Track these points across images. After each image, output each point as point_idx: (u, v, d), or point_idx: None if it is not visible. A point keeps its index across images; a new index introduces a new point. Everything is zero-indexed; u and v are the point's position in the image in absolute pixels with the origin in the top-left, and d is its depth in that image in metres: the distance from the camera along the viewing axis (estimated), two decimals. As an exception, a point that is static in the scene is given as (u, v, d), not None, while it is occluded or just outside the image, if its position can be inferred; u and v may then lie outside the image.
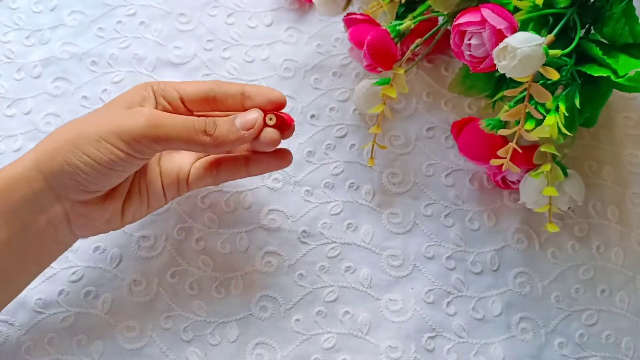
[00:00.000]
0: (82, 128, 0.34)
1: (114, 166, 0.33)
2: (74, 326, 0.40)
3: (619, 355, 0.41)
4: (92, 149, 0.33)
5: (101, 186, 0.35)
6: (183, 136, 0.34)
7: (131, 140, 0.33)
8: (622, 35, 0.39)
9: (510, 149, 0.38)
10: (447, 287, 0.43)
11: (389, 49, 0.41)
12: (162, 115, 0.34)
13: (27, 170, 0.33)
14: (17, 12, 0.50)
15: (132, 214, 0.38)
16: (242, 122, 0.35)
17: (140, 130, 0.33)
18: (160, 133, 0.33)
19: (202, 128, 0.34)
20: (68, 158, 0.33)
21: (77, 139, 0.33)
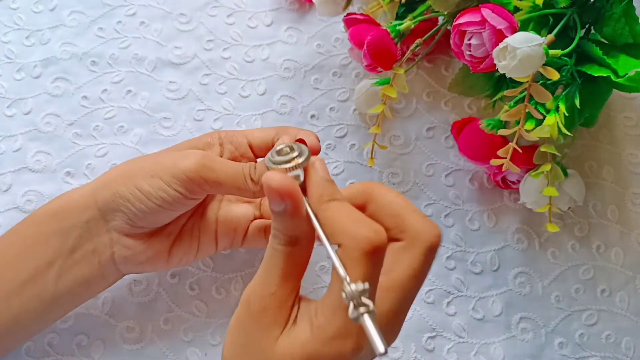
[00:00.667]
0: (140, 164, 0.35)
1: (163, 203, 0.34)
2: (74, 326, 0.40)
3: (619, 355, 0.41)
4: (144, 184, 0.34)
5: (149, 222, 0.35)
6: (232, 181, 0.34)
7: (183, 179, 0.33)
8: (622, 35, 0.39)
9: (510, 149, 0.38)
10: (447, 287, 0.43)
11: (389, 49, 0.41)
12: (215, 158, 0.35)
13: (84, 197, 0.35)
14: (17, 12, 0.50)
15: (179, 257, 0.38)
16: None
17: (193, 169, 0.33)
18: (211, 175, 0.34)
19: (248, 173, 0.34)
20: (120, 190, 0.34)
21: (133, 173, 0.35)
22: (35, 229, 0.35)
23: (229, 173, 0.34)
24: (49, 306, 0.35)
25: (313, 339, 0.26)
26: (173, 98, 0.48)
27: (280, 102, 0.48)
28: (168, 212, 0.35)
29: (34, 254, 0.35)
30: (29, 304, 0.34)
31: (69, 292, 0.35)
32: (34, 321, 0.35)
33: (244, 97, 0.48)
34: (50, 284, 0.35)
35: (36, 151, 0.45)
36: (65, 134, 0.46)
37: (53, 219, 0.35)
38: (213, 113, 0.47)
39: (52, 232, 0.35)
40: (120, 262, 0.36)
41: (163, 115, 0.47)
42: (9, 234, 0.36)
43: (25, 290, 0.34)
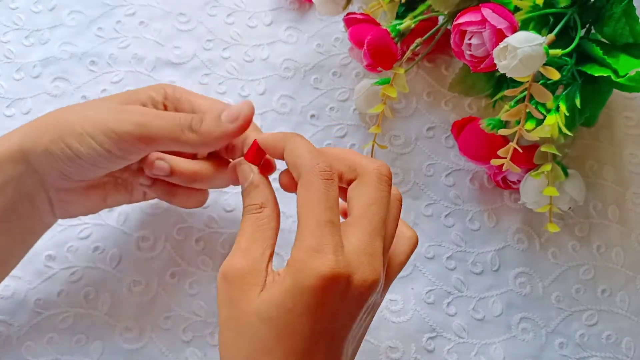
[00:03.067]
0: (70, 117, 0.33)
1: (95, 162, 0.33)
2: (73, 326, 0.40)
3: (619, 356, 0.41)
4: (74, 142, 0.32)
5: (84, 177, 0.34)
6: (169, 134, 0.33)
7: (115, 139, 0.32)
8: (623, 35, 0.39)
9: (510, 149, 0.38)
10: (448, 287, 0.43)
11: (389, 49, 0.41)
12: (151, 113, 0.33)
13: (12, 151, 0.33)
14: (16, 12, 0.50)
15: (113, 203, 0.38)
16: (228, 114, 0.33)
17: (126, 128, 0.32)
18: (145, 132, 0.32)
19: (188, 124, 0.33)
20: (50, 147, 0.32)
21: (62, 128, 0.32)
22: None
23: (166, 128, 0.33)
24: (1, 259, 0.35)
25: (289, 273, 0.27)
26: (173, 98, 0.48)
27: (280, 102, 0.48)
28: (102, 169, 0.34)
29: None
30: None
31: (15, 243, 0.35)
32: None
33: (244, 97, 0.48)
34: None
35: (35, 151, 0.45)
36: (65, 134, 0.46)
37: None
38: (213, 113, 0.47)
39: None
40: (59, 212, 0.36)
41: (163, 115, 0.47)
42: None
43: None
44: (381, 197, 0.30)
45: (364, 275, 0.28)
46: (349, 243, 0.28)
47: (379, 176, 0.30)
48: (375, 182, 0.30)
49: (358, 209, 0.29)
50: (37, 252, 0.42)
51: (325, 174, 0.29)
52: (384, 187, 0.30)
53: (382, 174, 0.30)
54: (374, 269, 0.28)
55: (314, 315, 0.27)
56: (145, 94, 0.36)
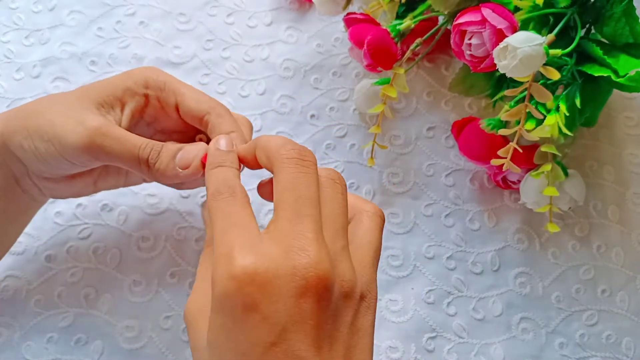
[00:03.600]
0: (39, 118, 0.32)
1: (60, 167, 0.33)
2: (73, 326, 0.40)
3: (619, 356, 0.41)
4: (41, 146, 0.32)
5: (56, 175, 0.34)
6: (125, 162, 0.32)
7: (70, 152, 0.32)
8: (623, 35, 0.39)
9: (510, 149, 0.38)
10: (448, 287, 0.43)
11: (389, 49, 0.40)
12: (109, 135, 0.32)
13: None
14: (16, 12, 0.50)
15: (107, 186, 0.38)
16: (181, 157, 0.32)
17: (80, 145, 0.31)
18: (100, 153, 0.32)
19: (145, 158, 0.32)
20: (23, 143, 0.32)
21: (32, 128, 0.32)
22: None
23: (123, 155, 0.32)
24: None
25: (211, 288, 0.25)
26: (173, 98, 0.48)
27: (280, 102, 0.48)
28: (71, 170, 0.34)
29: None
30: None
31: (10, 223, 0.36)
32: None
33: (244, 97, 0.48)
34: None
35: (35, 151, 0.45)
36: (65, 134, 0.46)
37: None
38: (213, 113, 0.47)
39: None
40: (48, 194, 0.36)
41: (163, 115, 0.47)
42: None
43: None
44: (295, 179, 0.27)
45: (291, 263, 0.24)
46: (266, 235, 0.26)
47: (288, 159, 0.27)
48: (286, 164, 0.27)
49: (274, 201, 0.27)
50: (37, 252, 0.42)
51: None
52: (298, 169, 0.27)
53: (291, 156, 0.27)
54: (305, 251, 0.25)
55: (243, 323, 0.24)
56: (124, 87, 0.34)
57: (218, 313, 0.24)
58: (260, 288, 0.24)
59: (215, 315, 0.25)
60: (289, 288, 0.24)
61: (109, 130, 0.32)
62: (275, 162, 0.28)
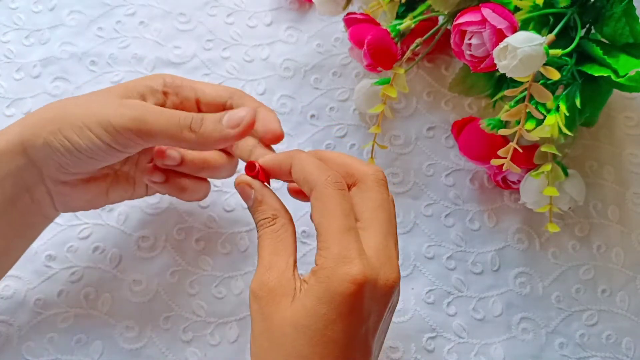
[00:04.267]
0: (70, 110, 0.33)
1: (94, 155, 0.33)
2: (73, 326, 0.40)
3: (619, 356, 0.41)
4: (73, 135, 0.32)
5: (82, 170, 0.34)
6: (168, 132, 0.33)
7: (114, 133, 0.32)
8: (623, 35, 0.39)
9: (510, 149, 0.38)
10: (448, 287, 0.43)
11: (389, 49, 0.40)
12: (150, 110, 0.33)
13: (11, 144, 0.33)
14: (16, 12, 0.50)
15: (115, 197, 0.38)
16: (229, 119, 0.33)
17: (124, 123, 0.32)
18: (144, 127, 0.32)
19: (188, 124, 0.33)
20: (49, 139, 0.32)
21: (61, 121, 0.32)
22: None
23: (165, 125, 0.33)
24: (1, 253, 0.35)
25: (318, 281, 0.28)
26: (173, 98, 0.48)
27: (280, 102, 0.48)
28: (100, 162, 0.34)
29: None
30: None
31: (17, 235, 0.35)
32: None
33: (244, 97, 0.48)
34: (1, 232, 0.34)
35: (35, 151, 0.45)
36: (65, 134, 0.46)
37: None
38: (213, 113, 0.47)
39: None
40: (59, 206, 0.36)
41: (163, 115, 0.47)
42: None
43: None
44: (384, 200, 0.31)
45: (386, 274, 0.29)
46: (367, 247, 0.29)
47: (377, 180, 0.31)
48: (376, 186, 0.31)
49: (367, 213, 0.31)
50: (37, 252, 0.42)
51: (338, 184, 0.30)
52: (384, 190, 0.32)
53: (380, 178, 0.32)
54: (394, 268, 0.30)
55: (347, 320, 0.28)
56: (144, 85, 0.35)
57: (325, 304, 0.28)
58: (367, 294, 0.28)
59: (320, 305, 0.28)
60: (381, 296, 0.29)
61: (150, 106, 0.34)
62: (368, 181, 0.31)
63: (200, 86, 0.36)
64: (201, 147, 0.34)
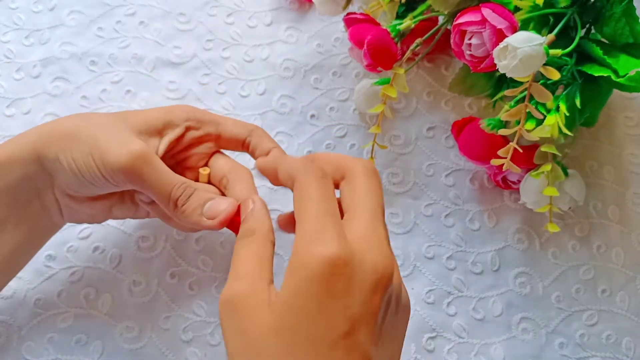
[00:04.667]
0: (84, 131, 0.33)
1: (94, 182, 0.33)
2: (73, 326, 0.40)
3: (619, 356, 0.41)
4: (80, 159, 0.33)
5: (86, 192, 0.35)
6: (157, 195, 0.33)
7: (112, 172, 0.32)
8: (623, 35, 0.39)
9: (510, 149, 0.38)
10: (448, 287, 0.43)
11: (389, 49, 0.40)
12: (150, 166, 0.33)
13: (25, 151, 0.33)
14: (16, 12, 0.50)
15: (117, 214, 0.38)
16: (209, 208, 0.34)
17: (120, 167, 0.32)
18: (137, 179, 0.33)
19: (176, 197, 0.33)
20: (60, 155, 0.33)
21: (73, 140, 0.33)
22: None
23: (155, 185, 0.33)
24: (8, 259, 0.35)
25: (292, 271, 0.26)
26: (172, 98, 0.48)
27: (280, 102, 0.48)
28: (102, 190, 0.34)
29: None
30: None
31: (26, 242, 0.35)
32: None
33: (244, 97, 0.48)
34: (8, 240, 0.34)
35: (35, 151, 0.45)
36: (65, 134, 0.46)
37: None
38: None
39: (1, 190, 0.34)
40: (66, 216, 0.36)
41: (163, 115, 0.47)
42: None
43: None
44: (373, 186, 0.29)
45: (374, 259, 0.26)
46: (351, 232, 0.27)
47: (365, 170, 0.30)
48: (364, 175, 0.30)
49: (353, 201, 0.29)
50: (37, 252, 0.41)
51: (318, 172, 0.29)
52: (374, 179, 0.30)
53: (368, 167, 0.30)
54: (383, 252, 0.27)
55: (327, 309, 0.25)
56: (164, 120, 0.36)
57: (301, 296, 0.25)
58: (349, 278, 0.25)
59: (296, 299, 0.25)
60: (369, 282, 0.26)
61: (151, 159, 0.33)
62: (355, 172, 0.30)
63: (222, 121, 0.37)
64: (177, 219, 0.34)
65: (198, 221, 0.33)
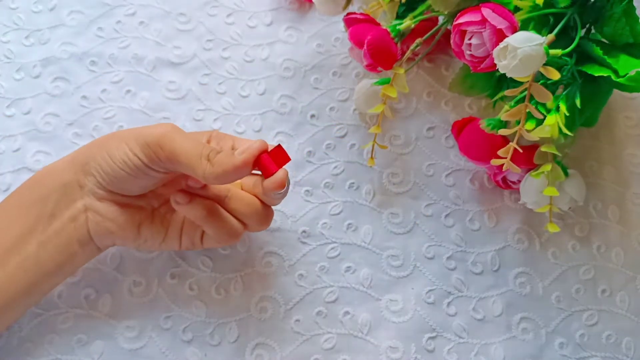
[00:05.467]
0: (120, 131, 0.37)
1: (125, 167, 0.35)
2: (73, 327, 0.40)
3: (619, 356, 0.41)
4: (113, 149, 0.35)
5: (116, 186, 0.36)
6: (188, 155, 0.34)
7: (144, 145, 0.35)
8: (623, 35, 0.39)
9: (510, 149, 0.38)
10: (448, 287, 0.43)
11: (389, 49, 0.40)
12: (180, 132, 0.36)
13: (64, 163, 0.37)
14: (16, 12, 0.50)
15: (146, 237, 0.38)
16: (240, 150, 0.35)
17: (153, 138, 0.35)
18: (169, 145, 0.34)
19: (207, 153, 0.34)
20: (95, 155, 0.36)
21: (108, 141, 0.36)
22: (17, 200, 0.37)
23: (185, 146, 0.34)
24: (34, 277, 0.36)
25: None
26: (172, 98, 0.48)
27: (280, 102, 0.48)
28: (131, 179, 0.36)
29: (15, 224, 0.36)
30: (14, 274, 0.35)
31: (51, 261, 0.36)
32: (21, 294, 0.36)
33: (244, 97, 0.48)
34: (33, 252, 0.35)
35: (36, 151, 0.45)
36: (65, 134, 0.46)
37: (35, 187, 0.37)
38: (213, 113, 0.47)
39: (33, 201, 0.36)
40: (93, 228, 0.37)
41: (162, 115, 0.47)
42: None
43: (9, 260, 0.35)
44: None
45: None
46: None
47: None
48: None
49: None
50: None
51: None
52: None
53: None
54: None
55: None
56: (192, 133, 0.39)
57: None
58: None
59: None
60: None
61: (182, 131, 0.36)
62: None
63: (238, 139, 0.39)
64: (214, 178, 0.34)
65: (231, 162, 0.34)
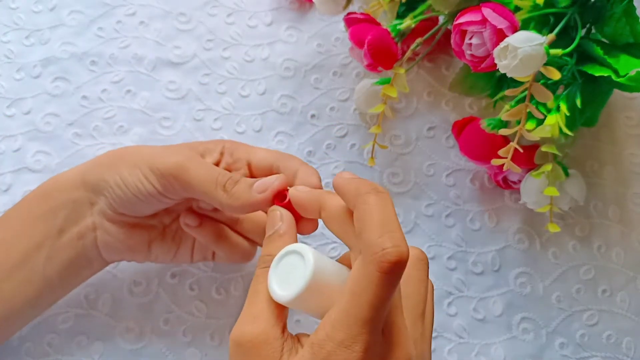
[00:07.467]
0: (129, 152, 0.36)
1: (138, 194, 0.34)
2: (73, 327, 0.40)
3: (619, 356, 0.41)
4: (125, 172, 0.34)
5: (128, 210, 0.35)
6: (204, 184, 0.33)
7: (158, 174, 0.34)
8: (623, 35, 0.39)
9: (511, 149, 0.38)
10: (448, 287, 0.43)
11: (389, 49, 0.40)
12: (194, 160, 0.34)
13: (73, 177, 0.36)
14: (16, 12, 0.50)
15: (157, 254, 0.38)
16: (259, 184, 0.33)
17: (167, 168, 0.34)
18: (184, 175, 0.34)
19: (223, 182, 0.33)
20: (106, 175, 0.35)
21: (119, 161, 0.35)
22: (25, 212, 0.36)
23: (200, 177, 0.33)
24: (39, 290, 0.35)
25: (312, 356, 0.25)
26: (173, 98, 0.48)
27: (280, 102, 0.48)
28: (145, 204, 0.35)
29: (23, 237, 0.35)
30: (20, 288, 0.35)
31: (57, 275, 0.36)
32: (26, 307, 0.35)
33: (244, 97, 0.48)
34: (39, 266, 0.35)
35: (36, 151, 0.45)
36: (65, 134, 0.46)
37: (42, 200, 0.36)
38: (213, 113, 0.47)
39: (41, 214, 0.35)
40: (102, 247, 0.36)
41: (163, 115, 0.47)
42: (1, 219, 0.36)
43: (16, 273, 0.35)
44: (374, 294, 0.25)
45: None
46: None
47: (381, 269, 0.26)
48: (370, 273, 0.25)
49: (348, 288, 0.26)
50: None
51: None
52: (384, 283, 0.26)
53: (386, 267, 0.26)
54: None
55: None
56: (204, 146, 0.37)
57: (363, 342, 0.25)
58: None
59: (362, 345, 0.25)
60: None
61: (197, 157, 0.35)
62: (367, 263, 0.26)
63: (253, 150, 0.37)
64: (230, 208, 0.34)
65: (249, 198, 0.33)
